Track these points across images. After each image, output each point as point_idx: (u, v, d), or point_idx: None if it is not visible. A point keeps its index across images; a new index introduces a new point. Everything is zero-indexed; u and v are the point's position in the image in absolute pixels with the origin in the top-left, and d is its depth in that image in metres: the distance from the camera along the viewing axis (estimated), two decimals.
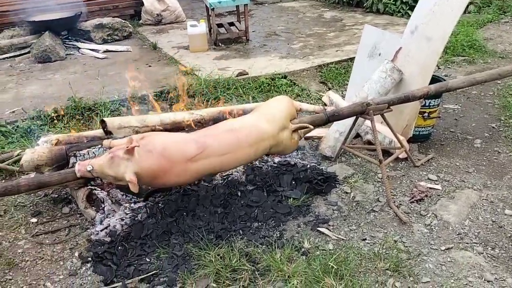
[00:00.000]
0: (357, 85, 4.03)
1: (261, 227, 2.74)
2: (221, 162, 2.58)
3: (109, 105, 4.37)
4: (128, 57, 6.04)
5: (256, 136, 2.66)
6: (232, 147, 2.59)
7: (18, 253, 2.67)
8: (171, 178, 2.48)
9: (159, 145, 2.47)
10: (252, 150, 2.66)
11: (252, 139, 2.65)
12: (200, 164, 2.53)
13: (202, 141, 2.56)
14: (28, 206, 3.13)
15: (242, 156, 2.67)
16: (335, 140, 3.50)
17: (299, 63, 5.40)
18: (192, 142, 2.55)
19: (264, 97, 4.61)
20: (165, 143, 2.50)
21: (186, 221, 2.72)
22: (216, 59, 5.80)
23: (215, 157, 2.57)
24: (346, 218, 2.82)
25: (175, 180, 2.52)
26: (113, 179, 2.43)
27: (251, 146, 2.63)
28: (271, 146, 2.74)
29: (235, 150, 2.59)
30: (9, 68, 5.81)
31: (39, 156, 2.83)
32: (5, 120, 4.13)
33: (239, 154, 2.63)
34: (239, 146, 2.59)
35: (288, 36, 6.69)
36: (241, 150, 2.62)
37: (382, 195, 3.02)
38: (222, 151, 2.58)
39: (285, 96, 3.01)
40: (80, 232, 2.82)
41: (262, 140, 2.67)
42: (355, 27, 6.88)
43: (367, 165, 3.40)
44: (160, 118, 3.21)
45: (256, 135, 2.67)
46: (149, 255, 2.54)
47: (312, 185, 3.04)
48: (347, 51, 5.72)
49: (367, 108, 2.95)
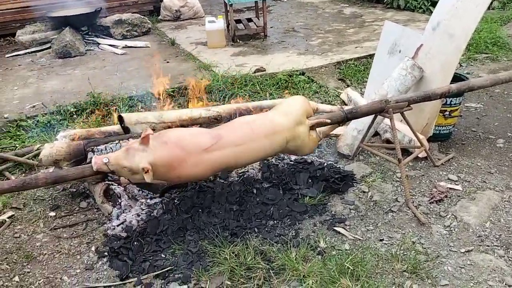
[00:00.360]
0: (377, 82, 3.97)
1: (277, 225, 2.72)
2: (236, 154, 2.54)
3: (127, 100, 4.40)
4: (146, 52, 6.07)
5: (271, 127, 2.63)
6: (247, 138, 2.57)
7: (37, 246, 2.71)
8: (187, 169, 2.44)
9: (173, 136, 2.48)
10: (267, 142, 2.61)
11: (267, 130, 2.62)
12: (215, 155, 2.49)
13: (216, 132, 2.56)
14: (47, 200, 3.17)
15: (257, 148, 2.61)
16: (353, 138, 3.45)
17: (317, 60, 5.34)
18: (207, 133, 2.55)
19: (281, 94, 4.57)
20: (180, 134, 2.51)
21: (202, 217, 2.72)
22: (234, 55, 5.78)
23: (230, 148, 2.54)
24: (363, 218, 2.77)
25: (190, 171, 2.47)
26: (129, 172, 2.42)
27: (266, 137, 2.59)
28: (288, 140, 2.67)
29: (250, 141, 2.56)
30: (30, 63, 5.89)
31: (58, 151, 2.86)
32: (25, 115, 4.19)
33: (254, 145, 2.58)
34: (254, 136, 2.56)
35: (307, 32, 6.63)
36: (256, 141, 2.58)
37: (401, 195, 2.97)
38: (236, 142, 2.55)
39: (301, 96, 2.98)
40: (97, 227, 2.85)
41: (277, 132, 2.62)
42: (375, 23, 6.78)
43: (385, 164, 3.34)
44: (177, 114, 3.21)
45: (271, 127, 2.64)
46: (164, 251, 2.55)
47: (329, 183, 3.01)
48: (367, 47, 5.64)
49: (386, 106, 2.89)
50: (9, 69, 5.67)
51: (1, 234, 2.83)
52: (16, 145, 3.86)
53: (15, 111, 4.31)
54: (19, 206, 3.11)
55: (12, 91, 4.88)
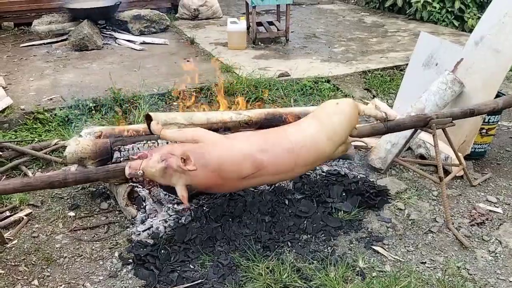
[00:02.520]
0: (409, 95, 3.83)
1: (311, 240, 2.58)
2: (271, 180, 2.54)
3: (148, 98, 4.26)
4: (165, 50, 5.94)
5: (314, 157, 2.52)
6: (288, 169, 2.48)
7: (56, 248, 2.56)
8: (221, 190, 2.50)
9: (214, 160, 2.29)
10: (305, 169, 2.59)
11: (309, 161, 2.52)
12: (252, 181, 2.46)
13: (259, 161, 2.37)
14: (65, 198, 3.03)
15: (294, 174, 2.61)
16: (386, 151, 3.31)
17: (342, 68, 5.21)
18: (249, 161, 2.35)
19: (306, 101, 4.44)
20: (221, 159, 2.31)
21: (232, 227, 2.58)
22: (255, 58, 5.64)
23: (268, 176, 2.46)
24: (402, 237, 2.63)
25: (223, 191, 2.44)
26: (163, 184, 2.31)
27: (306, 166, 2.52)
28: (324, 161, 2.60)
29: (290, 171, 2.48)
30: (46, 54, 5.75)
31: (83, 149, 2.71)
32: (43, 107, 4.05)
33: (293, 174, 2.57)
34: (294, 167, 2.47)
35: (329, 39, 6.50)
36: (296, 170, 2.52)
37: (439, 214, 2.82)
38: (277, 171, 2.46)
39: (350, 101, 2.71)
40: (119, 231, 2.70)
41: (319, 160, 2.57)
42: (398, 34, 6.65)
43: (419, 180, 3.20)
44: (207, 116, 3.06)
45: (314, 156, 2.51)
46: (193, 261, 2.40)
47: (364, 198, 2.86)
48: (392, 58, 5.51)
49: (430, 121, 2.76)
50: (24, 59, 5.53)
51: (18, 233, 2.68)
52: (33, 138, 3.72)
53: (31, 103, 4.16)
54: (37, 203, 2.96)
55: (28, 82, 4.73)
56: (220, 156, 2.30)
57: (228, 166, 2.30)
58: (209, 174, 2.27)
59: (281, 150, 2.40)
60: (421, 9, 7.24)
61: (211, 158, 2.28)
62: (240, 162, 2.33)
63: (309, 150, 2.45)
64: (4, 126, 3.85)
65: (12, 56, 5.64)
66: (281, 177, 2.53)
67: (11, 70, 5.12)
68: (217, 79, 4.33)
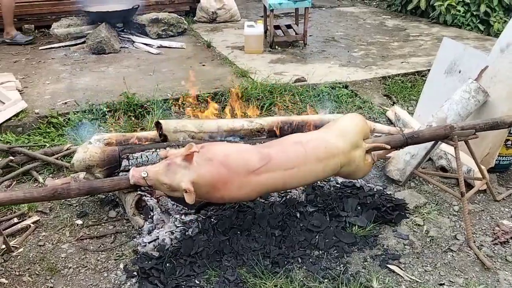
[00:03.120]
0: (430, 103, 3.69)
1: (322, 256, 2.47)
2: (285, 178, 2.33)
3: (161, 103, 4.20)
4: (181, 54, 5.89)
5: (326, 150, 2.40)
6: (299, 161, 2.34)
7: (61, 258, 2.51)
8: (231, 191, 2.25)
9: (220, 153, 2.27)
10: (320, 166, 2.38)
11: (321, 153, 2.39)
12: (263, 178, 2.28)
13: (266, 152, 2.32)
14: (74, 205, 2.98)
15: (309, 173, 2.40)
16: (405, 163, 3.16)
17: (361, 73, 5.06)
18: (255, 153, 2.32)
19: (323, 107, 4.31)
20: (227, 151, 2.30)
21: (240, 241, 2.48)
22: (272, 62, 5.55)
23: (279, 171, 2.32)
24: (420, 256, 2.49)
25: (234, 193, 2.28)
26: (168, 189, 2.22)
27: (319, 161, 2.37)
28: (342, 164, 2.45)
29: (301, 164, 2.33)
30: (63, 57, 5.77)
31: (91, 156, 2.66)
32: (57, 111, 4.03)
33: (306, 169, 2.37)
34: (306, 160, 2.34)
35: (348, 43, 6.35)
36: (308, 165, 2.36)
37: (460, 231, 2.67)
38: (287, 165, 2.33)
39: (358, 114, 2.72)
40: (126, 241, 2.63)
41: (332, 156, 2.40)
42: (420, 38, 6.46)
43: (440, 194, 3.05)
44: (218, 124, 2.99)
45: (325, 149, 2.40)
46: (199, 276, 2.32)
47: (380, 213, 2.73)
48: (413, 63, 5.34)
49: (451, 133, 2.61)
50: (42, 62, 5.55)
51: (25, 241, 2.65)
52: (46, 143, 3.70)
53: (46, 107, 4.15)
54: (45, 210, 2.93)
55: (44, 86, 4.74)
56: (225, 149, 2.30)
57: (234, 156, 2.26)
58: (215, 165, 2.20)
59: (287, 143, 2.40)
60: (445, 12, 7.02)
61: (216, 151, 2.26)
62: (247, 154, 2.30)
63: (318, 142, 2.40)
64: (17, 130, 3.84)
65: (30, 59, 5.67)
66: (293, 174, 2.34)
67: (29, 73, 5.14)
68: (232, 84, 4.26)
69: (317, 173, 2.41)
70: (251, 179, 2.24)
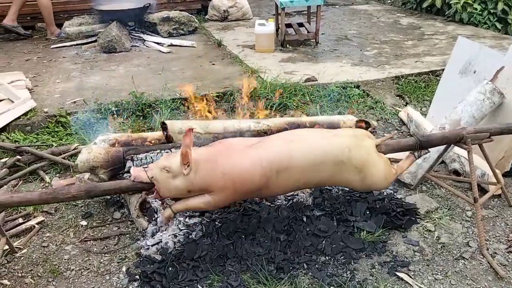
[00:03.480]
0: (443, 104, 3.58)
1: (329, 262, 2.40)
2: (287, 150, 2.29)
3: (169, 103, 4.17)
4: (192, 53, 5.85)
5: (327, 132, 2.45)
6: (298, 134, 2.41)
7: (64, 260, 2.49)
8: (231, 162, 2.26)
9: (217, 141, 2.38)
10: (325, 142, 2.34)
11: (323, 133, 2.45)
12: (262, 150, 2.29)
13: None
14: (79, 206, 2.96)
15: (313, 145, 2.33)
16: (417, 165, 3.07)
17: (373, 72, 4.96)
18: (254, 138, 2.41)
19: (333, 107, 4.24)
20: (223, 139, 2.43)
21: (245, 245, 2.43)
22: (283, 61, 5.48)
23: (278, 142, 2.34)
24: (430, 263, 2.40)
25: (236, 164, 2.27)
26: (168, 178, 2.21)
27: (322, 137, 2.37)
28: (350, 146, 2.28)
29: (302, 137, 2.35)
30: (75, 55, 5.78)
31: (95, 157, 2.63)
32: (65, 110, 4.03)
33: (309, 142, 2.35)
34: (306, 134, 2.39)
35: (361, 41, 6.25)
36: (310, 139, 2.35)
37: (473, 238, 2.58)
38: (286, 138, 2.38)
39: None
40: (129, 243, 2.60)
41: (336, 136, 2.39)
42: (435, 37, 6.32)
43: (452, 198, 2.96)
44: (224, 125, 2.93)
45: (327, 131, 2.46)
46: (201, 281, 2.27)
47: (389, 217, 2.65)
48: (428, 62, 5.21)
49: (465, 136, 2.52)
50: (53, 61, 5.57)
51: (29, 242, 2.63)
52: (53, 142, 3.70)
53: (55, 106, 4.15)
54: (50, 210, 2.91)
55: (54, 84, 4.75)
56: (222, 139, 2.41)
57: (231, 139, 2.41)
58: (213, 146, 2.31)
59: None
60: (461, 10, 6.85)
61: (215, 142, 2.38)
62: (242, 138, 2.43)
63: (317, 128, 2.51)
64: (26, 129, 3.85)
65: (42, 58, 5.70)
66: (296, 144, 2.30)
67: (40, 71, 5.16)
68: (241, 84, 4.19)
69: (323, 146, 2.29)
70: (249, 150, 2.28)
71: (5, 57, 5.72)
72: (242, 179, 2.20)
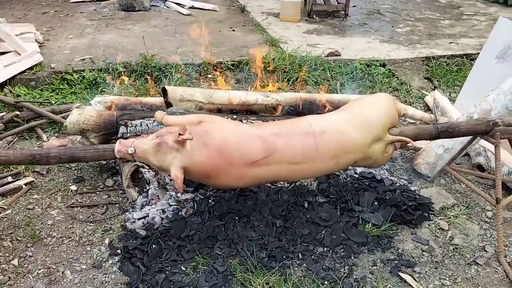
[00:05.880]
0: (476, 91, 3.26)
1: (326, 254, 2.20)
2: (289, 173, 2.06)
3: (181, 68, 3.95)
4: (213, 17, 5.59)
5: (341, 147, 2.07)
6: (308, 157, 2.04)
7: (47, 225, 2.36)
8: (226, 181, 2.01)
9: (217, 138, 1.96)
10: (332, 163, 2.09)
11: (335, 150, 2.07)
12: (263, 170, 2.01)
13: (271, 142, 2.01)
14: (72, 169, 2.82)
15: (318, 169, 2.12)
16: (437, 156, 2.80)
17: (402, 51, 4.62)
18: (259, 142, 2.00)
19: (354, 86, 3.95)
20: (226, 137, 1.98)
21: (237, 228, 2.24)
22: (307, 32, 5.16)
23: (283, 165, 2.03)
24: (439, 266, 2.17)
25: (229, 183, 2.05)
26: (157, 168, 1.99)
27: (331, 158, 2.06)
28: (357, 160, 2.14)
29: (310, 161, 2.03)
30: (92, 12, 5.60)
31: (86, 120, 2.46)
32: (72, 68, 3.87)
33: (315, 166, 2.08)
34: (317, 156, 2.03)
35: (394, 17, 5.84)
36: (318, 162, 2.06)
37: (490, 242, 2.33)
38: (294, 159, 2.03)
39: (387, 95, 2.35)
40: (117, 213, 2.46)
41: (347, 153, 2.08)
42: (474, 18, 5.86)
43: (473, 195, 2.69)
44: (229, 95, 2.71)
45: (341, 145, 2.08)
46: (186, 262, 2.11)
47: (399, 211, 2.41)
48: (463, 45, 4.82)
49: (493, 129, 2.23)
50: (70, 15, 5.40)
51: (15, 202, 2.51)
52: (57, 100, 3.55)
53: (63, 62, 4.00)
54: (42, 171, 2.78)
55: (66, 40, 4.59)
56: (225, 135, 1.96)
57: (233, 146, 1.96)
58: (210, 154, 1.92)
59: (298, 133, 2.05)
60: None
61: (214, 136, 1.95)
62: (248, 142, 1.99)
63: (333, 137, 2.06)
64: (31, 84, 3.71)
65: (59, 11, 5.54)
66: (300, 169, 2.07)
67: (54, 25, 5.00)
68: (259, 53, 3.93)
69: (327, 169, 2.15)
70: (249, 170, 1.98)
71: (23, 9, 5.59)
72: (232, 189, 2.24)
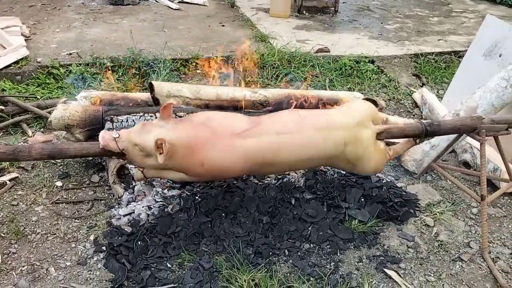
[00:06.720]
0: (462, 88, 3.28)
1: (313, 250, 2.20)
2: (275, 145, 2.03)
3: (169, 63, 3.93)
4: (202, 11, 5.56)
5: (326, 122, 2.12)
6: (293, 126, 2.07)
7: (32, 222, 2.33)
8: (212, 155, 1.97)
9: (202, 116, 2.09)
10: (319, 137, 2.07)
11: (320, 123, 2.11)
12: (249, 143, 2.01)
13: (256, 118, 2.14)
14: (58, 165, 2.79)
15: (306, 142, 2.08)
16: (424, 153, 2.82)
17: (391, 48, 4.63)
18: (244, 117, 2.15)
19: (343, 82, 3.95)
20: (211, 114, 2.13)
21: (223, 224, 2.24)
22: (297, 28, 5.15)
23: (269, 136, 2.03)
24: (424, 262, 2.19)
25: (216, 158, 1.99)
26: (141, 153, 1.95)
27: (318, 130, 2.07)
28: (346, 141, 2.10)
29: (296, 131, 2.05)
30: (80, 5, 5.54)
31: (71, 115, 2.43)
32: (59, 62, 3.82)
33: (302, 137, 2.06)
34: (301, 126, 2.07)
35: (383, 13, 5.85)
36: (305, 133, 2.06)
37: (475, 239, 2.35)
38: (279, 129, 2.05)
39: (367, 102, 2.40)
40: (103, 210, 2.44)
41: (333, 129, 2.10)
42: (463, 15, 5.89)
43: (459, 192, 2.71)
44: (217, 91, 2.70)
45: (325, 121, 2.12)
46: (171, 259, 2.10)
47: (385, 207, 2.42)
48: (452, 42, 4.84)
49: (479, 126, 2.24)
50: (57, 9, 5.33)
51: None
52: (43, 94, 3.51)
53: (49, 56, 3.94)
54: (27, 167, 2.75)
55: (53, 33, 4.53)
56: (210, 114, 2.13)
57: (218, 119, 2.07)
58: (194, 126, 1.99)
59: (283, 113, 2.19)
60: None
61: (199, 115, 2.11)
62: (233, 117, 2.13)
63: (317, 114, 2.19)
64: (16, 78, 3.66)
65: (46, 5, 5.46)
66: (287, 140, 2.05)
67: (41, 19, 4.94)
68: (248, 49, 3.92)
69: (316, 146, 2.09)
70: (235, 142, 1.98)
71: (9, 1, 5.50)
72: (221, 171, 2.08)
